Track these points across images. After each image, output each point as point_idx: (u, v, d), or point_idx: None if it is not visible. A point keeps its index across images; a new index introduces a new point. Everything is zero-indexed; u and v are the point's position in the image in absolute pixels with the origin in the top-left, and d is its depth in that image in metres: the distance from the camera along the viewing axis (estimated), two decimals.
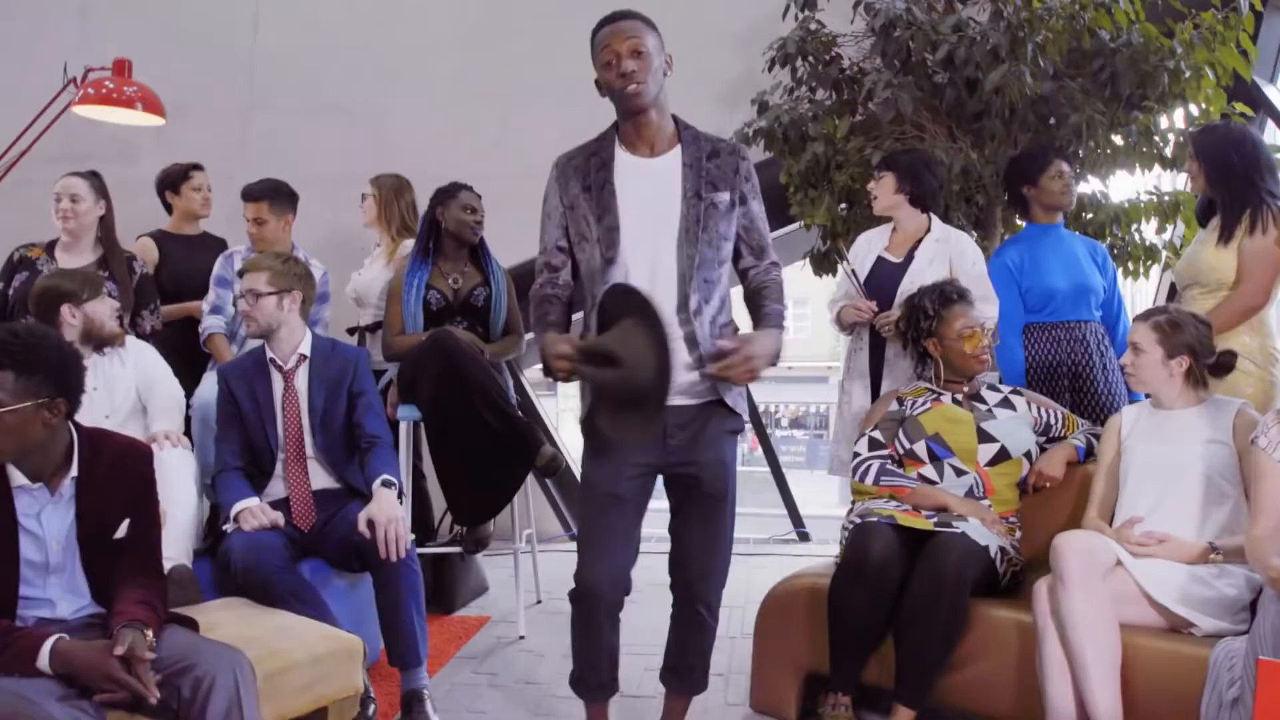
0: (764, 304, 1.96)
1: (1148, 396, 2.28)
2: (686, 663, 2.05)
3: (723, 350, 1.78)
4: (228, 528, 2.31)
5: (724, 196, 1.91)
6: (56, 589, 1.74)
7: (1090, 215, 3.63)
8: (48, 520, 1.73)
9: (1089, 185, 3.60)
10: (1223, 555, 1.97)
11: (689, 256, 1.87)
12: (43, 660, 1.55)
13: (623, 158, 1.93)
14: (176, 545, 2.29)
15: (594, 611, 1.91)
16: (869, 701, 2.19)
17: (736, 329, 1.96)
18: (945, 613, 2.04)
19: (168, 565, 2.00)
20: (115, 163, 4.50)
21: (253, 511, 2.28)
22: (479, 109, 4.93)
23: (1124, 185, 3.75)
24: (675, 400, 1.82)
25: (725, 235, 1.93)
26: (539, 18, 4.87)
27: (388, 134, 4.95)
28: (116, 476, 1.80)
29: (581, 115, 2.26)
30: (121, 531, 1.79)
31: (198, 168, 3.55)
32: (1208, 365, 2.18)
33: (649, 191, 1.90)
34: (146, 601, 1.72)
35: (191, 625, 1.84)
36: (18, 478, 1.69)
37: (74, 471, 1.74)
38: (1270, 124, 4.29)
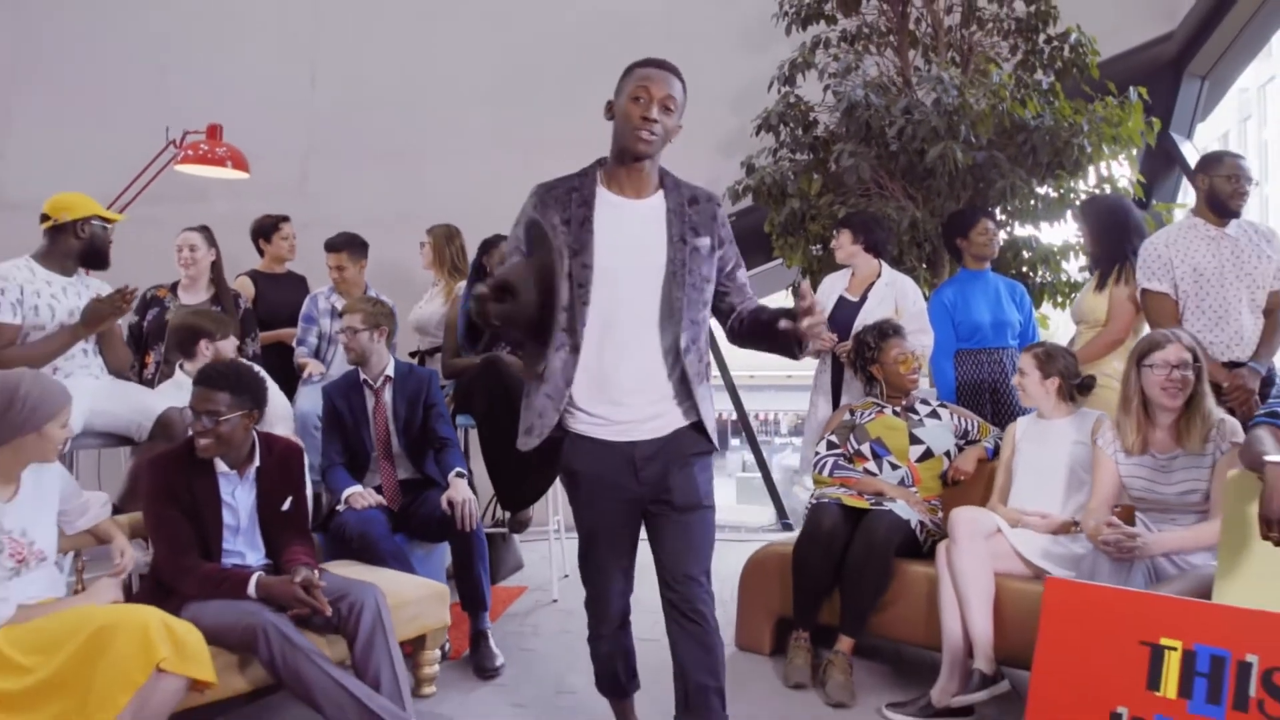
0: (766, 310, 1.97)
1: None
2: (698, 690, 1.90)
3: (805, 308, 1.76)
4: (340, 508, 3.03)
5: (705, 241, 1.94)
6: (244, 545, 2.48)
7: (1028, 254, 4.39)
8: (239, 497, 2.47)
9: (1024, 231, 4.36)
10: (1079, 527, 2.70)
11: (678, 298, 1.89)
12: (251, 589, 2.28)
13: (605, 196, 1.92)
14: None
15: (603, 638, 2.10)
16: (823, 638, 2.91)
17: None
18: (876, 569, 2.77)
19: None
20: (188, 202, 5.27)
21: (361, 494, 3.01)
22: (508, 156, 5.67)
23: (1056, 231, 4.50)
24: (643, 436, 1.90)
25: (707, 278, 1.96)
26: (560, 76, 5.64)
27: (427, 178, 5.72)
28: (282, 467, 2.54)
29: (592, 155, 2.44)
30: (285, 506, 2.53)
31: (285, 219, 4.28)
32: (1075, 385, 2.92)
33: (631, 233, 1.90)
34: (307, 553, 2.47)
35: None
36: (221, 466, 2.43)
37: (257, 462, 2.49)
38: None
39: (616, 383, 1.90)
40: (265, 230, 4.25)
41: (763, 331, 1.94)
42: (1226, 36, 4.86)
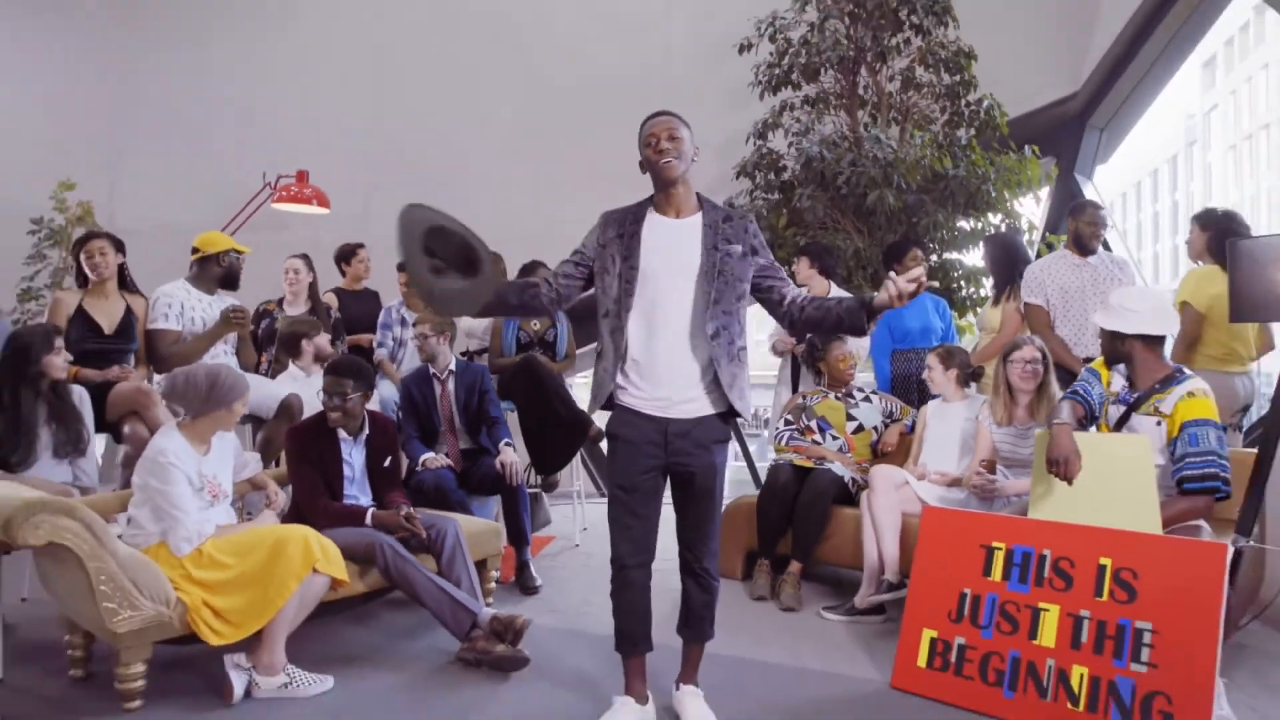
0: (840, 301, 2.34)
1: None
2: (696, 616, 2.49)
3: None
4: (418, 469, 4.00)
5: (736, 248, 2.33)
6: (357, 491, 3.44)
7: (956, 274, 5.38)
8: (354, 456, 3.44)
9: (950, 255, 5.36)
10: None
11: (706, 292, 2.29)
12: (367, 520, 3.23)
13: (653, 218, 2.36)
14: None
15: (626, 574, 2.40)
16: (779, 564, 3.87)
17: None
18: (818, 513, 3.73)
19: None
20: (270, 230, 6.23)
21: (434, 458, 3.99)
22: (531, 189, 6.66)
23: (978, 255, 5.49)
24: (676, 415, 2.32)
25: (741, 277, 2.34)
26: (573, 125, 6.62)
27: (470, 208, 6.58)
28: (383, 435, 3.51)
29: (604, 191, 2.96)
30: (386, 464, 3.50)
31: (361, 246, 5.25)
32: (968, 375, 3.90)
33: (672, 243, 2.32)
34: (403, 497, 3.44)
35: None
36: (342, 434, 3.40)
37: (366, 431, 3.46)
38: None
39: (656, 365, 2.32)
40: (346, 255, 5.23)
41: (829, 317, 2.32)
42: (1121, 94, 5.88)
